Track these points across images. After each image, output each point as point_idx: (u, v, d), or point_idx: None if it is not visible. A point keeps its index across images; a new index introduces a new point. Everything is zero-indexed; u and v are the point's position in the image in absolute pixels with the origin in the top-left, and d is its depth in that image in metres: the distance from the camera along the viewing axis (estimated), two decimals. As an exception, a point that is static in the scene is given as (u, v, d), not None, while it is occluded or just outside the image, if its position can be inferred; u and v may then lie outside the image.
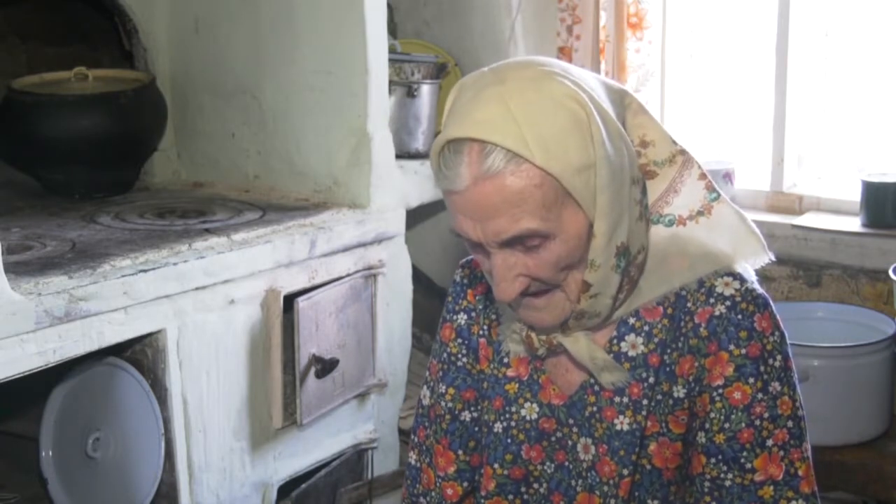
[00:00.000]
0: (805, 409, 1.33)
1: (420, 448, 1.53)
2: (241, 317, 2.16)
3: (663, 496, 1.35)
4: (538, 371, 1.41)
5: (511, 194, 1.19)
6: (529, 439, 1.41)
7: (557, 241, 1.23)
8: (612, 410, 1.34)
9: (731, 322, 1.29)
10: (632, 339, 1.34)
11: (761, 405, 1.29)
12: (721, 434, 1.30)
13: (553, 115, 1.19)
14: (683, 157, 1.35)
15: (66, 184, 2.54)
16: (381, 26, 2.43)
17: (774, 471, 1.29)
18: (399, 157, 2.54)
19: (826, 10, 2.78)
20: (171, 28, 2.73)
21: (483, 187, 1.19)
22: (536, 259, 1.24)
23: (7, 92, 2.53)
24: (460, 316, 1.49)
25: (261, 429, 2.24)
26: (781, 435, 1.29)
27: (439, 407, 1.50)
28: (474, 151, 1.19)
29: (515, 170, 1.18)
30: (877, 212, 2.56)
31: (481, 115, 1.20)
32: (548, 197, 1.20)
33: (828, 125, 2.85)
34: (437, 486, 1.51)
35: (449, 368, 1.49)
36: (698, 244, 1.33)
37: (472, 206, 1.22)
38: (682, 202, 1.34)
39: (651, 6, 2.89)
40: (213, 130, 2.70)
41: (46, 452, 2.16)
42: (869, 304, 2.56)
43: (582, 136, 1.20)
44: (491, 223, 1.21)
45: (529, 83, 1.21)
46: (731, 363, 1.29)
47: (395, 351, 2.55)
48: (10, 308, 1.74)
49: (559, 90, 1.21)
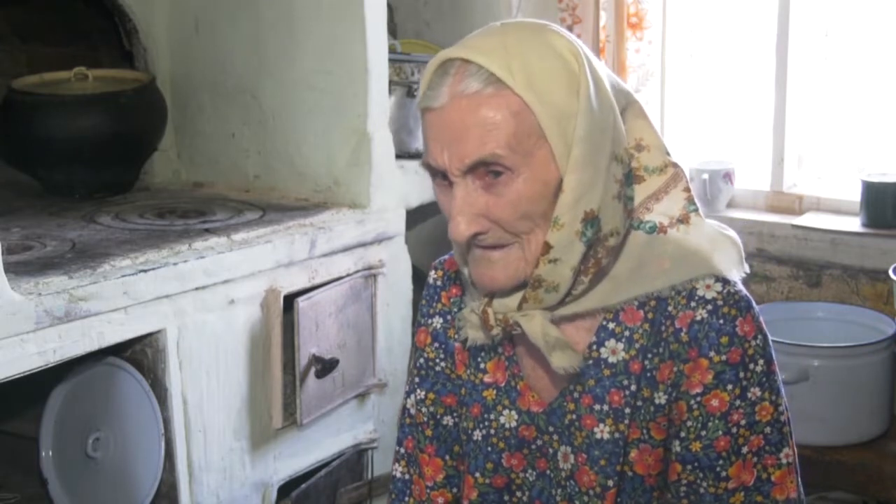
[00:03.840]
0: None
1: (408, 459, 1.50)
2: (241, 317, 2.16)
3: (646, 502, 1.33)
4: (516, 377, 1.37)
5: (484, 116, 1.19)
6: (510, 447, 1.38)
7: (520, 179, 1.21)
8: (592, 419, 1.31)
9: (712, 327, 1.26)
10: (612, 344, 1.30)
11: (739, 412, 1.26)
12: (697, 442, 1.27)
13: (545, 57, 1.21)
14: (675, 169, 1.33)
15: (66, 184, 2.54)
16: (381, 26, 2.43)
17: (746, 477, 1.27)
18: (399, 157, 2.54)
19: (826, 10, 2.78)
20: (171, 28, 2.73)
21: (458, 104, 1.20)
22: (497, 199, 1.21)
23: (7, 92, 2.53)
24: (435, 320, 1.46)
25: (261, 429, 2.24)
26: (757, 441, 1.27)
27: (420, 414, 1.47)
28: (459, 71, 1.20)
29: (494, 93, 1.19)
30: (877, 212, 2.56)
31: (476, 42, 1.23)
32: (521, 129, 1.19)
33: (828, 125, 2.85)
34: (428, 496, 1.47)
35: (427, 374, 1.46)
36: (679, 248, 1.30)
37: (445, 126, 1.21)
38: (663, 209, 1.32)
39: (651, 6, 2.89)
40: (213, 130, 2.70)
41: (46, 452, 2.16)
42: (869, 304, 2.56)
43: (569, 83, 1.21)
44: (458, 146, 1.20)
45: (530, 30, 1.25)
46: (711, 370, 1.26)
47: (395, 351, 2.55)
48: (10, 308, 1.74)
49: (557, 40, 1.23)
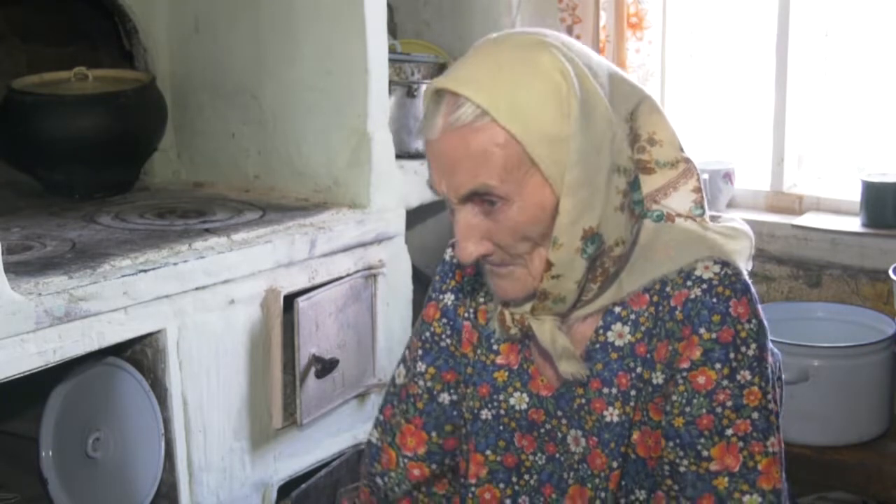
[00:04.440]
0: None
1: (384, 427, 1.51)
2: (241, 317, 2.16)
3: (650, 485, 1.33)
4: (528, 361, 1.39)
5: (473, 150, 1.21)
6: (521, 428, 1.40)
7: (515, 207, 1.23)
8: (601, 402, 1.33)
9: (704, 305, 1.26)
10: (618, 328, 1.32)
11: (725, 392, 1.25)
12: (681, 417, 1.27)
13: (533, 82, 1.21)
14: (686, 165, 1.34)
15: (66, 184, 2.54)
16: (381, 26, 2.43)
17: (731, 462, 1.26)
18: (399, 157, 2.54)
19: (826, 10, 2.78)
20: (171, 28, 2.73)
21: (450, 138, 1.22)
22: (496, 224, 1.25)
23: (7, 92, 2.52)
24: (447, 296, 1.48)
25: (261, 429, 2.24)
26: (744, 426, 1.26)
27: (415, 386, 1.48)
28: (449, 103, 1.23)
29: (481, 126, 1.21)
30: (877, 212, 2.57)
31: (465, 71, 1.24)
32: (510, 160, 1.21)
33: (828, 125, 2.86)
34: (402, 465, 1.48)
35: (431, 348, 1.47)
36: (685, 233, 1.31)
37: (441, 157, 1.25)
38: (670, 205, 1.33)
39: (651, 6, 2.90)
40: (213, 130, 2.70)
41: (46, 452, 2.16)
42: (869, 304, 2.56)
43: (559, 107, 1.21)
44: (453, 177, 1.24)
45: (521, 50, 1.24)
46: (700, 347, 1.26)
47: (395, 351, 2.54)
48: (10, 308, 1.74)
49: (547, 61, 1.22)
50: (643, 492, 1.33)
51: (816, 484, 2.38)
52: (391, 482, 1.50)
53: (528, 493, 1.41)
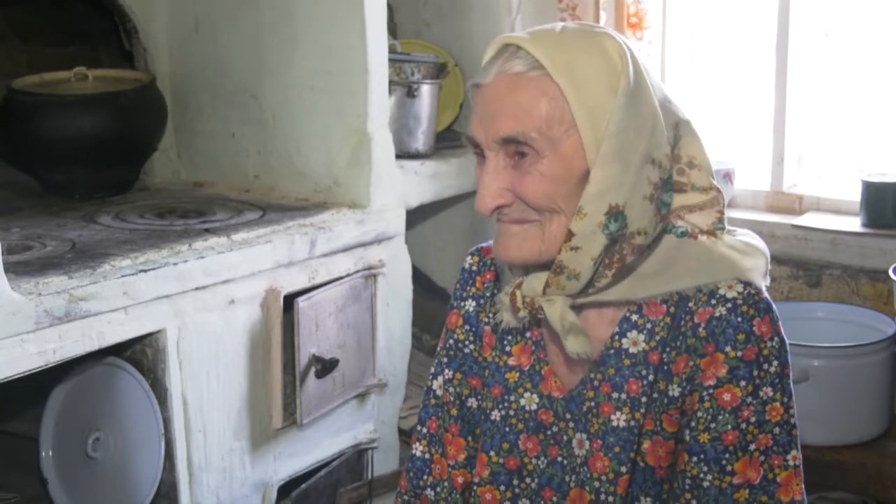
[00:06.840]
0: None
1: (430, 439, 1.53)
2: (241, 317, 2.16)
3: (656, 493, 1.35)
4: (541, 362, 1.41)
5: (521, 96, 1.26)
6: (528, 429, 1.41)
7: (545, 162, 1.27)
8: (610, 406, 1.34)
9: (729, 324, 1.29)
10: (633, 335, 1.34)
11: (749, 409, 1.28)
12: (706, 433, 1.29)
13: (591, 52, 1.28)
14: (716, 194, 1.37)
15: (66, 184, 2.54)
16: (381, 26, 2.43)
17: (752, 475, 1.29)
18: (399, 157, 2.54)
19: (826, 10, 2.79)
20: (171, 28, 2.73)
21: (500, 82, 1.28)
22: (522, 176, 1.28)
23: (7, 92, 2.52)
24: (468, 303, 1.50)
25: (261, 429, 2.24)
26: (765, 440, 1.29)
27: (447, 394, 1.50)
28: (509, 52, 1.29)
29: (534, 76, 1.26)
30: (877, 212, 2.57)
31: (533, 33, 1.31)
32: (553, 114, 1.26)
33: (828, 125, 2.86)
34: (449, 475, 1.50)
35: (456, 355, 1.50)
36: (707, 251, 1.34)
37: (488, 101, 1.29)
38: (694, 220, 1.36)
39: (651, 6, 2.90)
40: (213, 130, 2.70)
41: (46, 452, 2.16)
42: (869, 304, 2.56)
43: (609, 80, 1.26)
44: (495, 121, 1.28)
45: (589, 32, 1.32)
46: (726, 364, 1.29)
47: (395, 351, 2.55)
48: (10, 308, 1.74)
49: (610, 44, 1.29)
50: (648, 499, 1.35)
51: (816, 484, 2.37)
52: (444, 492, 1.51)
53: (528, 497, 1.42)
